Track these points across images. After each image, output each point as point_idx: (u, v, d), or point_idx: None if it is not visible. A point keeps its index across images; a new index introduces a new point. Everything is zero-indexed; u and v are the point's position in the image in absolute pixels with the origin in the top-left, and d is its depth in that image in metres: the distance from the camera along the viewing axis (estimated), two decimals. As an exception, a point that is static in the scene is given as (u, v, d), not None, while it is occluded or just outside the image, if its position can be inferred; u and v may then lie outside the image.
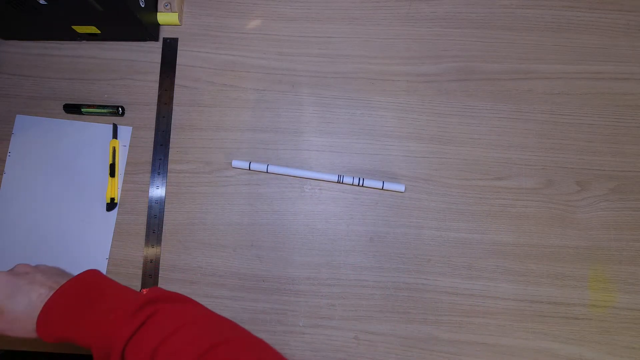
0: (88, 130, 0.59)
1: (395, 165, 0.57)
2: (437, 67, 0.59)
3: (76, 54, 0.61)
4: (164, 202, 0.57)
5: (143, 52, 0.61)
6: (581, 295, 0.53)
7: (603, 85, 0.58)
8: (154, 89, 0.60)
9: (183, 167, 0.58)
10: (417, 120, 0.58)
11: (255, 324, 0.53)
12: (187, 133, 0.59)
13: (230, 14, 0.62)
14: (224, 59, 0.60)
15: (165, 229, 0.56)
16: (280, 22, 0.61)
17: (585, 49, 0.59)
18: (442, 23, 0.60)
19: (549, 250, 0.54)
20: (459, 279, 0.54)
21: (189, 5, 0.62)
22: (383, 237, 0.55)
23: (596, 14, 0.60)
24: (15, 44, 0.62)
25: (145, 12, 0.57)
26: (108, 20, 0.55)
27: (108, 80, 0.61)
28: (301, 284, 0.54)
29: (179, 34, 0.62)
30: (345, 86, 0.59)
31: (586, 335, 0.52)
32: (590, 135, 0.57)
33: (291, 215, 0.56)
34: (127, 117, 0.60)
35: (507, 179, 0.56)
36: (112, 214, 0.57)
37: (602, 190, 0.56)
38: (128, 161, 0.58)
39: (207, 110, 0.59)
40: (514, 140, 0.57)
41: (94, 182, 0.58)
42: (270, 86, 0.59)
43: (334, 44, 0.60)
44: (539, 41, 0.59)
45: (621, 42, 0.59)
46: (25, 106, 0.60)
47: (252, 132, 0.58)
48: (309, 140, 0.58)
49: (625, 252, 0.54)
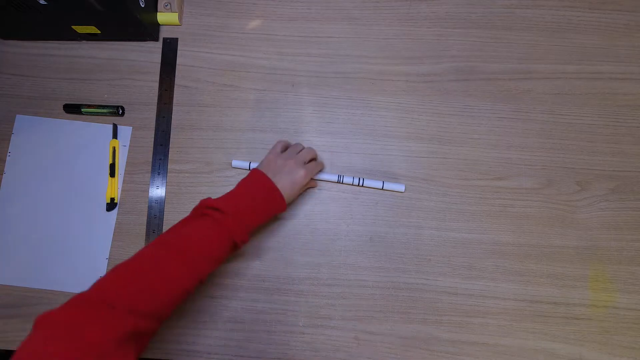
0: (88, 130, 0.59)
1: (395, 165, 0.57)
2: (437, 67, 0.59)
3: (76, 54, 0.61)
4: (164, 202, 0.57)
5: (143, 52, 0.61)
6: (581, 295, 0.53)
7: (603, 85, 0.58)
8: (154, 89, 0.60)
9: (183, 167, 0.58)
10: (417, 120, 0.58)
11: (256, 324, 0.53)
12: (187, 133, 0.59)
13: (230, 14, 0.62)
14: (224, 59, 0.60)
15: (165, 229, 0.56)
16: (280, 22, 0.61)
17: (585, 49, 0.59)
18: (442, 23, 0.60)
19: (549, 250, 0.54)
20: (459, 279, 0.54)
21: (189, 5, 0.62)
22: (383, 237, 0.55)
23: (596, 14, 0.60)
24: (15, 44, 0.62)
25: (145, 12, 0.57)
26: (108, 20, 0.55)
27: (108, 80, 0.61)
28: (301, 284, 0.54)
29: (179, 34, 0.62)
30: (345, 86, 0.59)
31: (586, 335, 0.52)
32: (590, 135, 0.57)
33: (291, 215, 0.56)
34: (127, 117, 0.60)
35: (507, 179, 0.56)
36: (112, 214, 0.57)
37: (602, 190, 0.56)
38: (128, 161, 0.58)
39: (207, 110, 0.59)
40: (514, 140, 0.57)
41: (94, 182, 0.58)
42: (270, 86, 0.59)
43: (334, 44, 0.60)
44: (539, 41, 0.59)
45: (621, 42, 0.59)
46: (25, 106, 0.60)
47: (252, 132, 0.58)
48: (309, 140, 0.58)
49: (625, 252, 0.54)
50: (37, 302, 0.55)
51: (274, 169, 0.50)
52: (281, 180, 0.49)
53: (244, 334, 0.53)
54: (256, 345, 0.53)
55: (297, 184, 0.50)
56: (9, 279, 0.56)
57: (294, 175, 0.50)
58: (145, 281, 0.38)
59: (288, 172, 0.49)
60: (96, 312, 0.34)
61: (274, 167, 0.50)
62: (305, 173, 0.50)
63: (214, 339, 0.53)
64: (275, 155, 0.51)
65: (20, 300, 0.55)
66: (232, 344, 0.53)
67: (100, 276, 0.40)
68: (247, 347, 0.53)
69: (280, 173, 0.49)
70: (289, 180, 0.49)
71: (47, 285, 0.55)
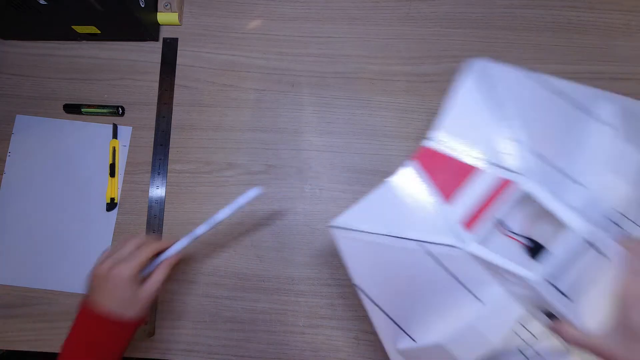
0: (88, 130, 0.59)
1: (395, 165, 0.56)
2: (437, 67, 0.59)
3: (76, 54, 0.61)
4: (164, 202, 0.57)
5: (143, 52, 0.61)
6: (581, 295, 0.53)
7: (603, 85, 0.58)
8: (154, 89, 0.60)
9: (183, 167, 0.58)
10: (417, 120, 0.58)
11: (256, 324, 0.53)
12: (187, 133, 0.59)
13: (230, 14, 0.62)
14: (224, 59, 0.60)
15: (165, 229, 0.56)
16: (280, 22, 0.61)
17: (585, 49, 0.59)
18: (442, 23, 0.60)
19: (549, 250, 0.54)
20: (459, 279, 0.54)
21: (189, 5, 0.62)
22: (383, 237, 0.55)
23: (596, 14, 0.60)
24: (15, 44, 0.62)
25: (145, 12, 0.57)
26: (108, 20, 0.55)
27: (108, 80, 0.61)
28: (301, 284, 0.54)
29: (179, 34, 0.62)
30: (345, 86, 0.59)
31: (586, 335, 0.52)
32: (590, 135, 0.57)
33: (291, 215, 0.56)
34: (127, 117, 0.60)
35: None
36: (112, 214, 0.57)
37: (602, 190, 0.56)
38: (128, 161, 0.58)
39: (207, 110, 0.59)
40: (514, 140, 0.57)
41: (94, 182, 0.58)
42: (270, 86, 0.59)
43: (334, 44, 0.60)
44: (539, 41, 0.59)
45: (621, 42, 0.59)
46: (25, 106, 0.60)
47: (252, 132, 0.58)
48: (309, 140, 0.58)
49: (625, 252, 0.54)
50: (37, 302, 0.55)
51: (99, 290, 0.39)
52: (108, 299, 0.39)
53: (244, 334, 0.53)
54: (256, 345, 0.53)
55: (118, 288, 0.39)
56: (9, 279, 0.56)
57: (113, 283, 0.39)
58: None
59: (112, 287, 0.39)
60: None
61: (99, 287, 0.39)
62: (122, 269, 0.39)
63: (214, 339, 0.53)
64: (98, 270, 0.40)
65: (20, 300, 0.55)
66: (232, 344, 0.53)
67: None
68: (247, 347, 0.53)
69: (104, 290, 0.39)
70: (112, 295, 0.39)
71: (47, 285, 0.55)
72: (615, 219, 0.33)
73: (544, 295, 0.31)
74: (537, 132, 0.36)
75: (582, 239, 0.31)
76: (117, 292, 0.39)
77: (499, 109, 0.37)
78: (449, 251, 0.35)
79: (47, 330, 0.54)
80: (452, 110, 0.38)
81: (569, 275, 0.31)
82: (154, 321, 0.54)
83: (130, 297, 0.39)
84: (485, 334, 0.34)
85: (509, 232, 0.36)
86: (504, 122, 0.37)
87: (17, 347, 0.54)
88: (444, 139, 0.38)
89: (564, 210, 0.32)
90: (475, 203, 0.35)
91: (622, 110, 0.38)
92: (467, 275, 0.35)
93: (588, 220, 0.31)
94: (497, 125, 0.37)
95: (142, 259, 0.40)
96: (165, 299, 0.54)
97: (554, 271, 0.31)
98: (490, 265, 0.34)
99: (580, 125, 0.37)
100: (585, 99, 0.39)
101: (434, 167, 0.38)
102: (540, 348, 0.34)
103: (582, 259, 0.31)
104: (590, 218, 0.32)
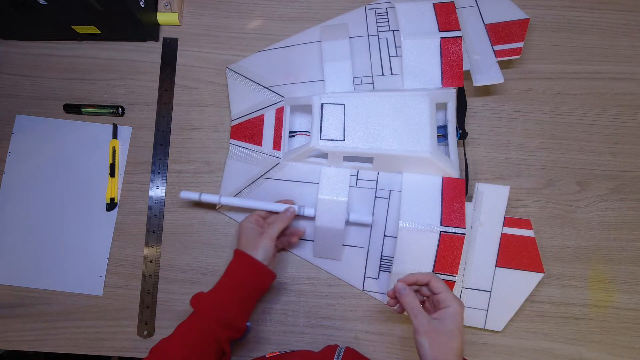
0: (88, 130, 0.59)
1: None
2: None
3: (76, 54, 0.61)
4: (164, 202, 0.57)
5: (143, 52, 0.61)
6: (581, 295, 0.53)
7: (603, 85, 0.58)
8: (154, 89, 0.60)
9: (183, 167, 0.58)
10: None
11: (256, 324, 0.53)
12: (187, 133, 0.59)
13: (230, 14, 0.62)
14: (224, 59, 0.60)
15: (165, 229, 0.56)
16: (280, 22, 0.61)
17: (585, 49, 0.59)
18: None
19: (548, 250, 0.54)
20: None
21: (189, 5, 0.62)
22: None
23: (596, 14, 0.60)
24: (15, 44, 0.62)
25: (145, 12, 0.57)
26: (108, 20, 0.55)
27: (108, 80, 0.61)
28: (301, 284, 0.54)
29: (179, 34, 0.62)
30: (345, 86, 0.59)
31: (586, 335, 0.52)
32: (590, 135, 0.57)
33: (291, 215, 0.56)
34: (127, 117, 0.60)
35: (507, 179, 0.56)
36: (112, 214, 0.57)
37: (602, 190, 0.56)
38: (128, 161, 0.58)
39: (207, 110, 0.59)
40: (514, 140, 0.57)
41: (94, 182, 0.58)
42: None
43: (334, 44, 0.60)
44: (539, 41, 0.59)
45: (621, 42, 0.59)
46: (25, 106, 0.60)
47: (252, 132, 0.58)
48: (309, 140, 0.58)
49: (625, 252, 0.54)
50: (37, 302, 0.55)
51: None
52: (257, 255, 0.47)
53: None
54: (256, 345, 0.53)
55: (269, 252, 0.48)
56: (9, 279, 0.56)
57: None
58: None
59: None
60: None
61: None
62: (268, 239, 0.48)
63: (214, 339, 0.53)
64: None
65: (20, 300, 0.55)
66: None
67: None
68: (247, 347, 0.53)
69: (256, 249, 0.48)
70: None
71: (47, 285, 0.55)
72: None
73: (327, 149, 0.51)
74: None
75: (321, 104, 0.52)
76: (251, 239, 0.48)
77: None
78: (279, 167, 0.55)
79: (47, 330, 0.54)
80: (234, 99, 0.58)
81: (330, 128, 0.51)
82: (154, 321, 0.54)
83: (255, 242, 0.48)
84: (335, 198, 0.52)
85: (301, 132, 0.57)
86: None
87: (17, 347, 0.54)
88: (236, 117, 0.57)
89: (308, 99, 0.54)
90: (273, 132, 0.56)
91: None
92: (299, 173, 0.55)
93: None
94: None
95: (280, 226, 0.49)
96: (165, 299, 0.54)
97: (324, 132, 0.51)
98: (305, 159, 0.54)
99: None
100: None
101: (242, 134, 0.57)
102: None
103: (334, 113, 0.52)
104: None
